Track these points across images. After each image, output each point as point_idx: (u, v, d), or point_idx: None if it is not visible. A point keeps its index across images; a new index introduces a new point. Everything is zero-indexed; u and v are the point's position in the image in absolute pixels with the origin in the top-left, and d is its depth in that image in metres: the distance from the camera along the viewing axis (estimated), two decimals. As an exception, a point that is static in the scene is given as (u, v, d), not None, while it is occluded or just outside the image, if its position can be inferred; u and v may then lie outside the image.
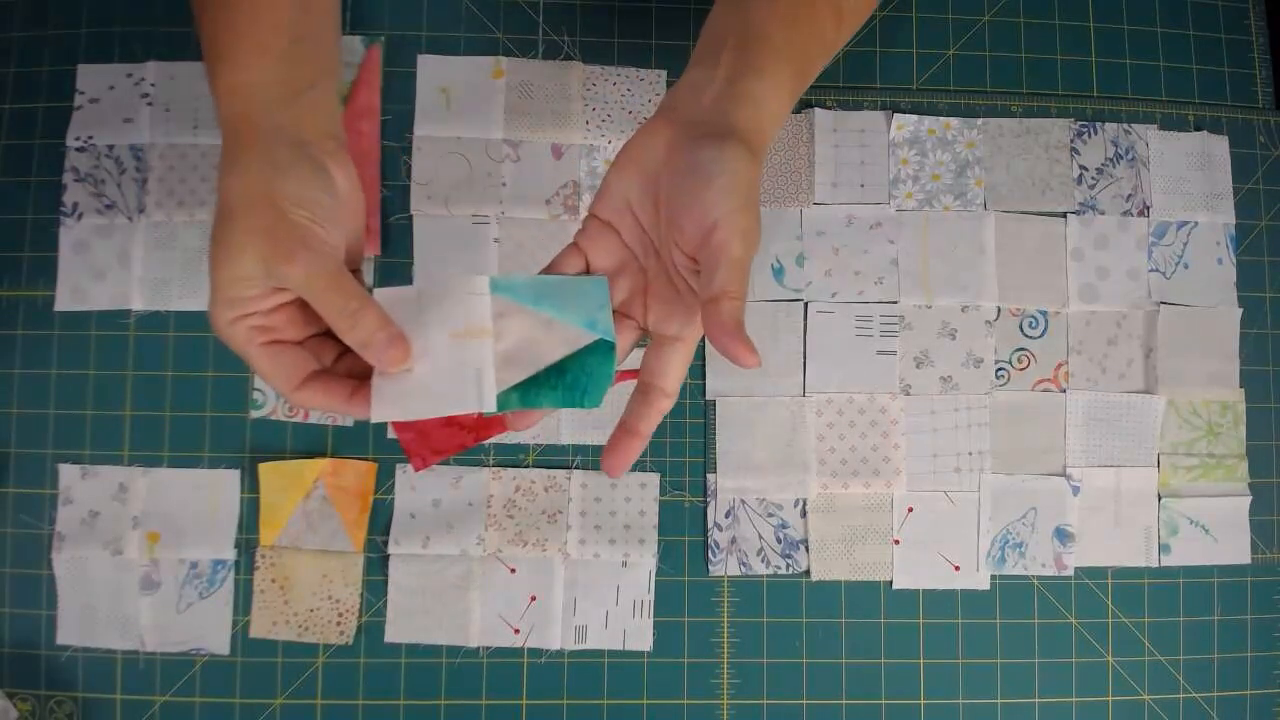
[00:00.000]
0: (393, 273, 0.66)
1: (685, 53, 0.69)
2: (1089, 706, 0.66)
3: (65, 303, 0.65)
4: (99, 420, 0.65)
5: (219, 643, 0.63)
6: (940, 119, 0.69)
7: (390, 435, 0.65)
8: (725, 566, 0.66)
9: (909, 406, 0.67)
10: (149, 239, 0.66)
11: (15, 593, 0.64)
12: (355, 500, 0.65)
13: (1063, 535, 0.67)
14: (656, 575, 0.65)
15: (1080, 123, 0.70)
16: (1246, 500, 0.68)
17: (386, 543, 0.64)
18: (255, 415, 0.65)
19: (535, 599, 0.64)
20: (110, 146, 0.66)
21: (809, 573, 0.66)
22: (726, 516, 0.66)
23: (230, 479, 0.65)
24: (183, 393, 0.65)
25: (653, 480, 0.66)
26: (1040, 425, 0.68)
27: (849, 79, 0.70)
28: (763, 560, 0.66)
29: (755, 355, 0.39)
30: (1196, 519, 0.68)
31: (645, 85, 0.69)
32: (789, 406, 0.67)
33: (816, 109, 0.69)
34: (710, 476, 0.66)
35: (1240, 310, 0.69)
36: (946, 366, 0.68)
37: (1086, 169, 0.69)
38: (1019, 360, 0.68)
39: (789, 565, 0.66)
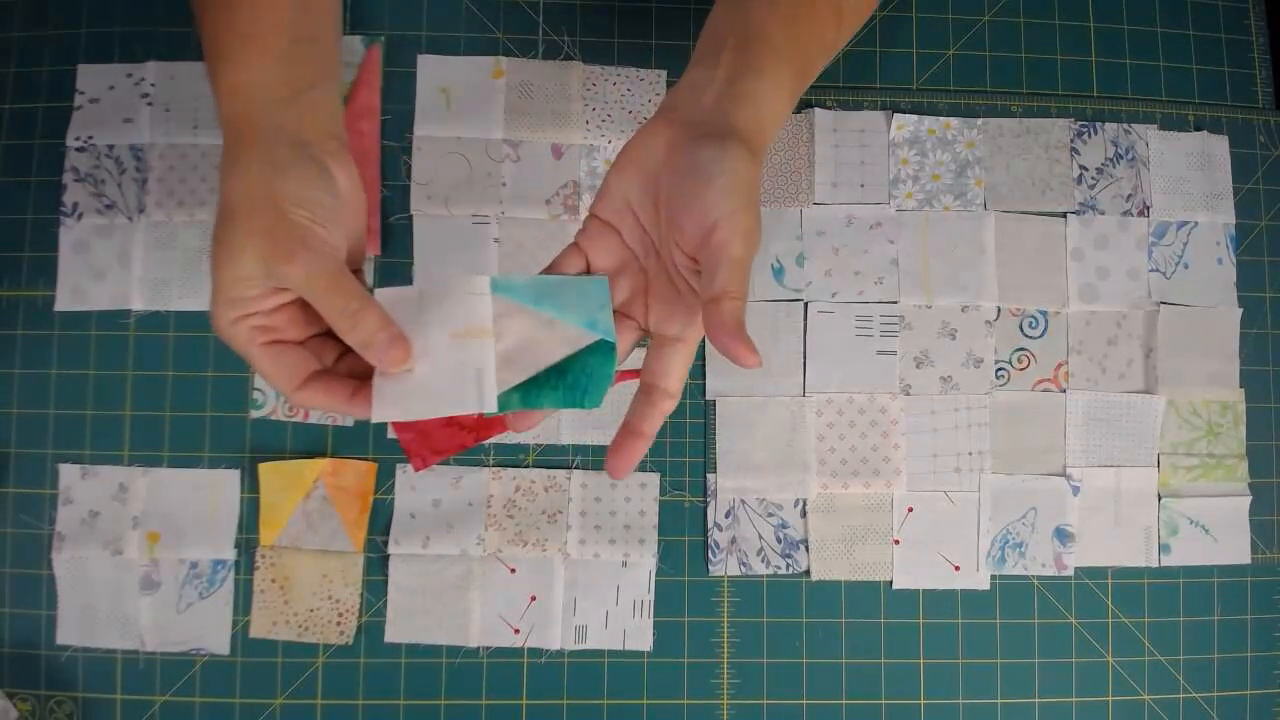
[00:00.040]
0: (393, 273, 0.66)
1: (685, 53, 0.69)
2: (1089, 706, 0.66)
3: (65, 303, 0.65)
4: (99, 420, 0.65)
5: (219, 643, 0.63)
6: (940, 119, 0.69)
7: (390, 435, 0.65)
8: (725, 566, 0.66)
9: (909, 406, 0.67)
10: (149, 239, 0.66)
11: (15, 593, 0.64)
12: (355, 500, 0.65)
13: (1063, 535, 0.67)
14: (656, 575, 0.65)
15: (1080, 123, 0.70)
16: (1246, 500, 0.68)
17: (386, 543, 0.64)
18: (255, 415, 0.65)
19: (535, 599, 0.64)
20: (110, 146, 0.66)
21: (809, 573, 0.66)
22: (726, 516, 0.66)
23: (230, 479, 0.65)
24: (183, 393, 0.65)
25: (653, 480, 0.66)
26: (1040, 425, 0.68)
27: (849, 79, 0.70)
28: (763, 560, 0.66)
29: (756, 355, 0.39)
30: (1196, 519, 0.68)
31: (645, 85, 0.69)
32: (789, 406, 0.67)
33: (816, 109, 0.69)
34: (710, 476, 0.66)
35: (1240, 310, 0.69)
36: (946, 366, 0.68)
37: (1086, 169, 0.69)
38: (1019, 360, 0.68)
39: (789, 565, 0.66)
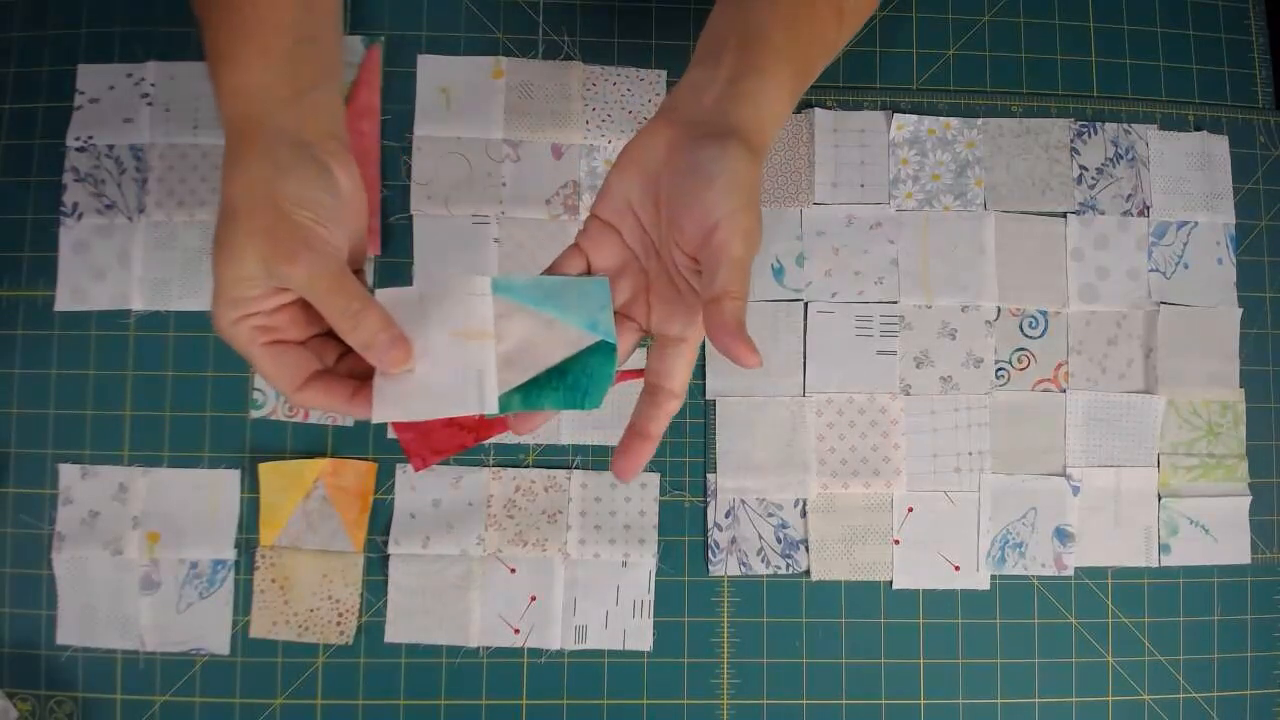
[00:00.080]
0: (393, 273, 0.66)
1: (685, 53, 0.69)
2: (1089, 706, 0.66)
3: (65, 303, 0.65)
4: (99, 420, 0.65)
5: (219, 643, 0.63)
6: (940, 119, 0.69)
7: (390, 435, 0.65)
8: (725, 566, 0.66)
9: (909, 406, 0.67)
10: (149, 239, 0.66)
11: (15, 593, 0.64)
12: (355, 500, 0.65)
13: (1063, 535, 0.67)
14: (656, 575, 0.65)
15: (1080, 123, 0.70)
16: (1246, 500, 0.68)
17: (386, 543, 0.64)
18: (255, 415, 0.65)
19: (535, 599, 0.64)
20: (110, 146, 0.66)
21: (809, 573, 0.66)
22: (726, 516, 0.66)
23: (230, 479, 0.65)
24: (183, 393, 0.65)
25: (653, 480, 0.66)
26: (1040, 425, 0.68)
27: (849, 79, 0.70)
28: (763, 560, 0.66)
29: (757, 355, 0.39)
30: (1196, 519, 0.68)
31: (645, 85, 0.69)
32: (789, 406, 0.67)
33: (816, 109, 0.69)
34: (710, 476, 0.66)
35: (1240, 310, 0.69)
36: (946, 366, 0.68)
37: (1086, 169, 0.69)
38: (1019, 360, 0.68)
39: (789, 565, 0.66)
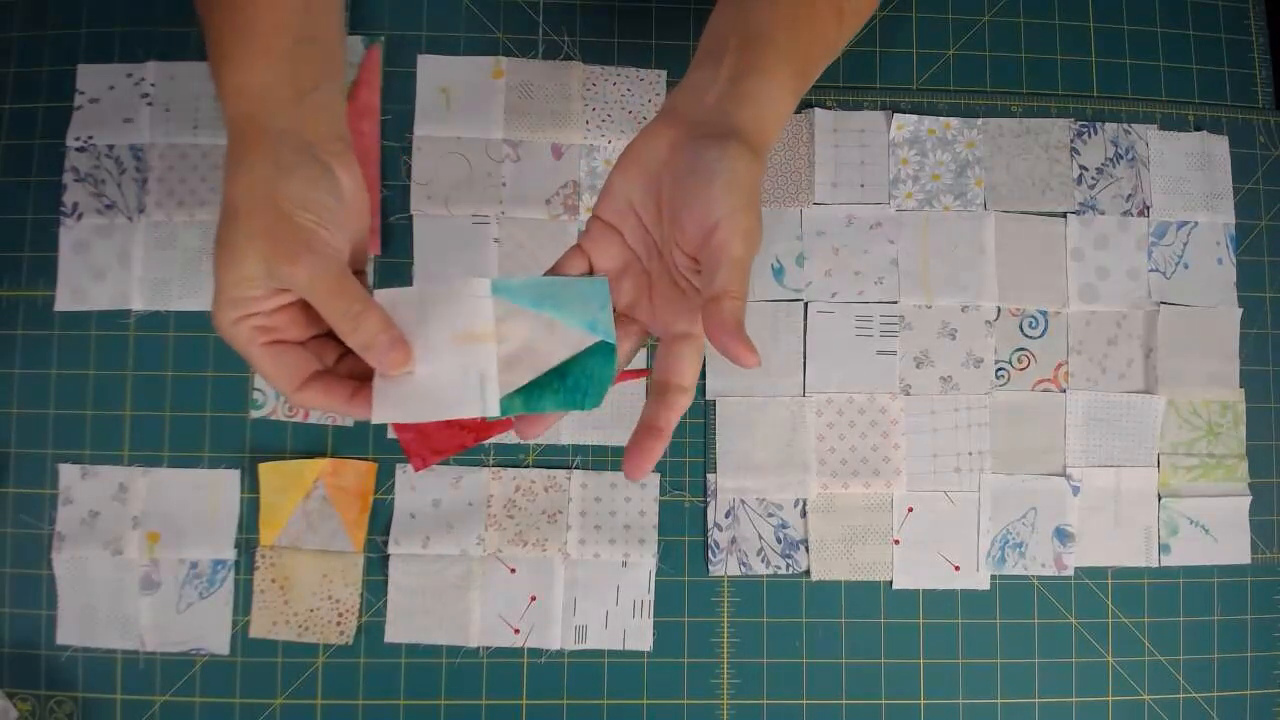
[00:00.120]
0: (393, 273, 0.66)
1: (685, 53, 0.69)
2: (1089, 706, 0.66)
3: (65, 303, 0.65)
4: (99, 420, 0.65)
5: (219, 643, 0.63)
6: (940, 119, 0.69)
7: (390, 435, 0.65)
8: (725, 566, 0.66)
9: (909, 406, 0.67)
10: (149, 239, 0.66)
11: (15, 593, 0.64)
12: (355, 500, 0.65)
13: (1063, 535, 0.67)
14: (656, 575, 0.65)
15: (1080, 123, 0.70)
16: (1246, 500, 0.68)
17: (386, 543, 0.64)
18: (255, 415, 0.65)
19: (535, 599, 0.64)
20: (110, 146, 0.66)
21: (809, 573, 0.66)
22: (726, 516, 0.66)
23: (230, 479, 0.65)
24: (183, 393, 0.65)
25: (653, 480, 0.66)
26: (1040, 425, 0.68)
27: (849, 79, 0.70)
28: (763, 560, 0.66)
29: (755, 355, 0.39)
30: (1196, 519, 0.68)
31: (645, 85, 0.69)
32: (789, 406, 0.67)
33: (816, 109, 0.69)
34: (710, 476, 0.66)
35: (1240, 310, 0.69)
36: (946, 366, 0.68)
37: (1086, 169, 0.69)
38: (1019, 360, 0.68)
39: (789, 565, 0.66)
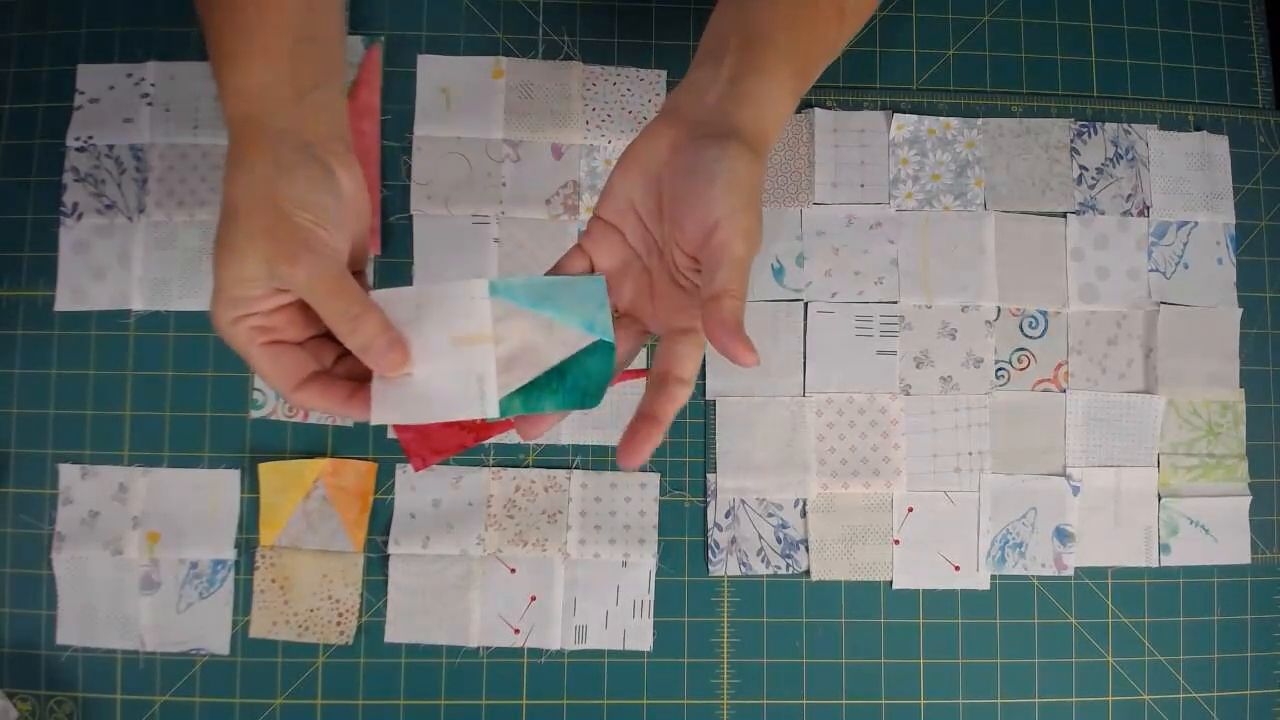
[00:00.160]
0: (393, 273, 0.66)
1: (685, 53, 0.69)
2: (1089, 706, 0.66)
3: (65, 303, 0.65)
4: (99, 420, 0.65)
5: (219, 643, 0.63)
6: (940, 119, 0.69)
7: (390, 435, 0.65)
8: (725, 566, 0.66)
9: (909, 406, 0.67)
10: (149, 239, 0.66)
11: (15, 593, 0.64)
12: (355, 500, 0.65)
13: (1063, 535, 0.67)
14: (656, 575, 0.65)
15: (1080, 123, 0.70)
16: (1246, 500, 0.68)
17: (386, 543, 0.64)
18: (255, 415, 0.65)
19: (535, 599, 0.64)
20: (110, 146, 0.66)
21: (809, 573, 0.66)
22: (726, 516, 0.66)
23: (230, 479, 0.65)
24: (183, 393, 0.65)
25: (653, 480, 0.66)
26: (1040, 425, 0.68)
27: (849, 79, 0.70)
28: (763, 560, 0.66)
29: (754, 354, 0.39)
30: (1196, 519, 0.68)
31: (645, 85, 0.69)
32: (789, 406, 0.67)
33: (816, 109, 0.69)
34: (710, 476, 0.66)
35: (1240, 310, 0.69)
36: (946, 366, 0.68)
37: (1086, 169, 0.69)
38: (1019, 360, 0.68)
39: (789, 565, 0.66)
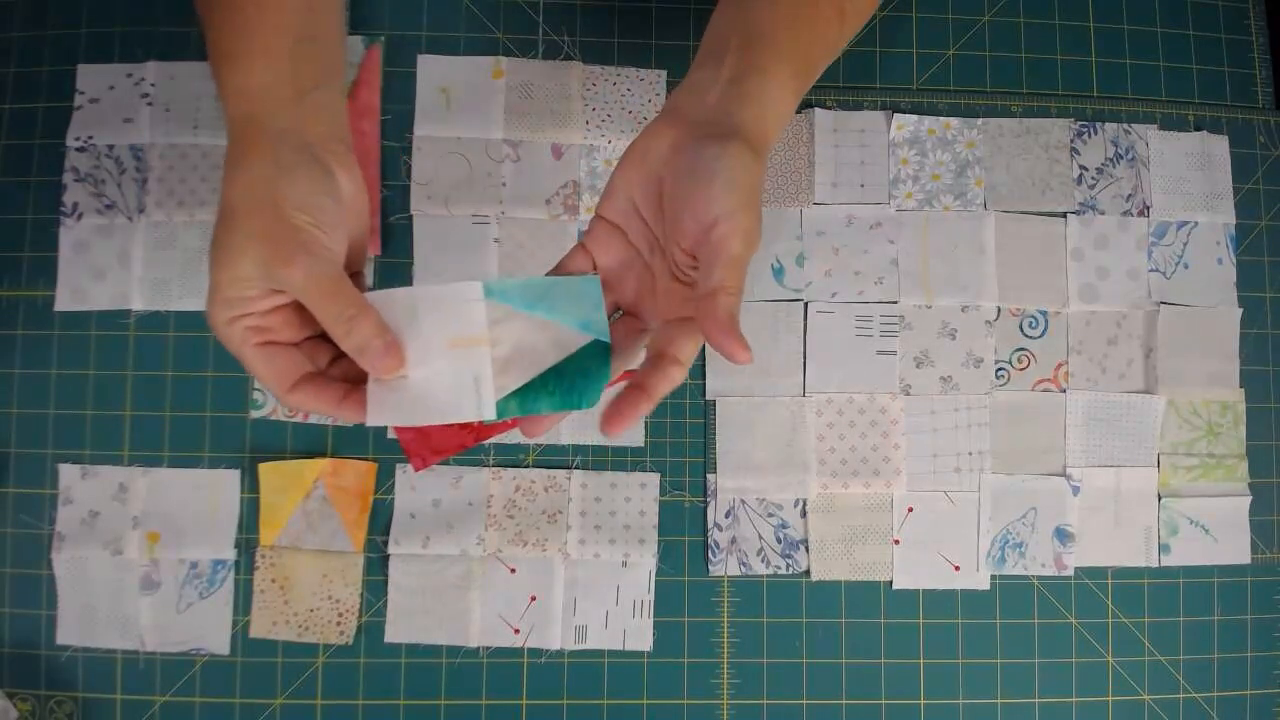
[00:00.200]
0: (393, 273, 0.66)
1: (685, 53, 0.69)
2: (1089, 706, 0.66)
3: (65, 303, 0.65)
4: (99, 420, 0.65)
5: (219, 643, 0.63)
6: (940, 119, 0.69)
7: (390, 435, 0.65)
8: (725, 566, 0.66)
9: (909, 406, 0.67)
10: (149, 239, 0.66)
11: (15, 593, 0.64)
12: (355, 500, 0.65)
13: (1063, 535, 0.67)
14: (656, 575, 0.65)
15: (1080, 123, 0.70)
16: (1246, 500, 0.68)
17: (386, 543, 0.64)
18: (255, 415, 0.65)
19: (535, 599, 0.64)
20: (110, 146, 0.66)
21: (809, 573, 0.66)
22: (726, 516, 0.66)
23: (230, 479, 0.65)
24: (183, 393, 0.65)
25: (653, 480, 0.66)
26: (1040, 425, 0.68)
27: (849, 79, 0.70)
28: (763, 560, 0.66)
29: (748, 352, 0.40)
30: (1196, 519, 0.68)
31: (645, 85, 0.69)
32: (789, 406, 0.67)
33: (816, 109, 0.69)
34: (710, 476, 0.66)
35: (1240, 310, 0.69)
36: (946, 366, 0.67)
37: (1086, 169, 0.69)
38: (1019, 360, 0.68)
39: (789, 565, 0.66)
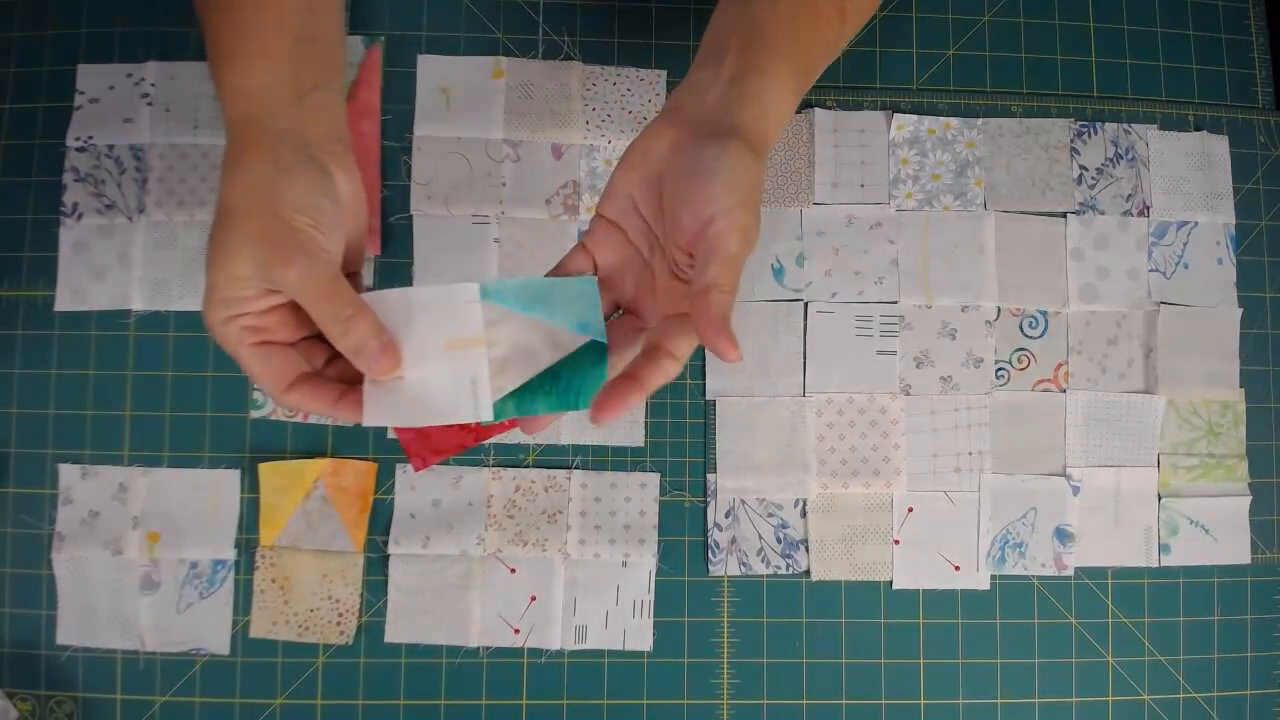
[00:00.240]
0: (393, 273, 0.66)
1: (685, 53, 0.69)
2: (1089, 706, 0.66)
3: (65, 303, 0.65)
4: (99, 420, 0.65)
5: (219, 643, 0.63)
6: (940, 119, 0.69)
7: (390, 435, 0.65)
8: (725, 566, 0.66)
9: (909, 406, 0.67)
10: (149, 239, 0.66)
11: (15, 593, 0.64)
12: (355, 500, 0.65)
13: (1063, 535, 0.67)
14: (656, 575, 0.65)
15: (1080, 123, 0.70)
16: (1246, 500, 0.68)
17: (386, 543, 0.64)
18: (255, 415, 0.65)
19: (535, 599, 0.64)
20: (110, 146, 0.66)
21: (809, 573, 0.66)
22: (726, 516, 0.66)
23: (230, 479, 0.65)
24: (183, 393, 0.65)
25: (653, 480, 0.66)
26: (1040, 425, 0.68)
27: (849, 79, 0.70)
28: (763, 560, 0.66)
29: (737, 350, 0.40)
30: (1196, 519, 0.68)
31: (645, 85, 0.69)
32: (789, 406, 0.67)
33: (816, 109, 0.69)
34: (710, 476, 0.66)
35: (1240, 310, 0.69)
36: (946, 366, 0.67)
37: (1086, 169, 0.69)
38: (1019, 360, 0.68)
39: (789, 565, 0.66)
